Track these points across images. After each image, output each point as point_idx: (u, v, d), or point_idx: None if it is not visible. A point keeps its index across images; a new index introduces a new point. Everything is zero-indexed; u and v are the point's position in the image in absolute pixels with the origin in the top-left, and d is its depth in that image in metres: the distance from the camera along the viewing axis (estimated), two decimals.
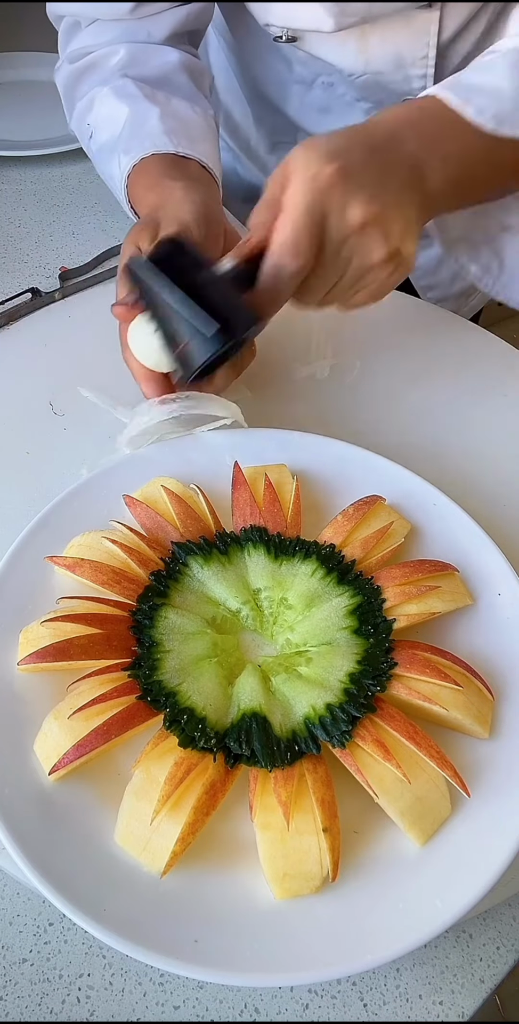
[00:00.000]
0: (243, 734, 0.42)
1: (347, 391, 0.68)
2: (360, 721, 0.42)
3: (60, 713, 0.42)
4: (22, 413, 0.65)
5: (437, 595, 0.48)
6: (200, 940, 0.37)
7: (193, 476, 0.56)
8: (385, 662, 0.45)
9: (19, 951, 0.42)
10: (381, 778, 0.40)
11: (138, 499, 0.53)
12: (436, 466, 0.60)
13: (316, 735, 0.42)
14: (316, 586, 0.50)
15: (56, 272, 0.79)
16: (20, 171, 0.95)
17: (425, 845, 0.40)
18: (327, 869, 0.38)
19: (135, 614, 0.47)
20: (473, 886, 0.39)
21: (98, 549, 0.50)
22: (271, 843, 0.39)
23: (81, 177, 0.94)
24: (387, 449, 0.59)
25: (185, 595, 0.49)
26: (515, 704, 0.45)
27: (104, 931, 0.36)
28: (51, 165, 0.96)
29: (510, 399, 0.70)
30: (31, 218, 0.87)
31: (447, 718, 0.43)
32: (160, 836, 0.39)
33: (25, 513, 0.52)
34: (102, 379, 0.67)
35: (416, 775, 0.41)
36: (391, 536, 0.52)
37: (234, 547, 0.52)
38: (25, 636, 0.45)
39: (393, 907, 0.38)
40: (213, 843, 0.40)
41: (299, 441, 0.59)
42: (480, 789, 0.42)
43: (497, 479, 0.62)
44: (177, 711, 0.42)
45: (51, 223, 0.87)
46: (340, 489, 0.56)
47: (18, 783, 0.41)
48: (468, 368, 0.72)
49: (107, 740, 0.41)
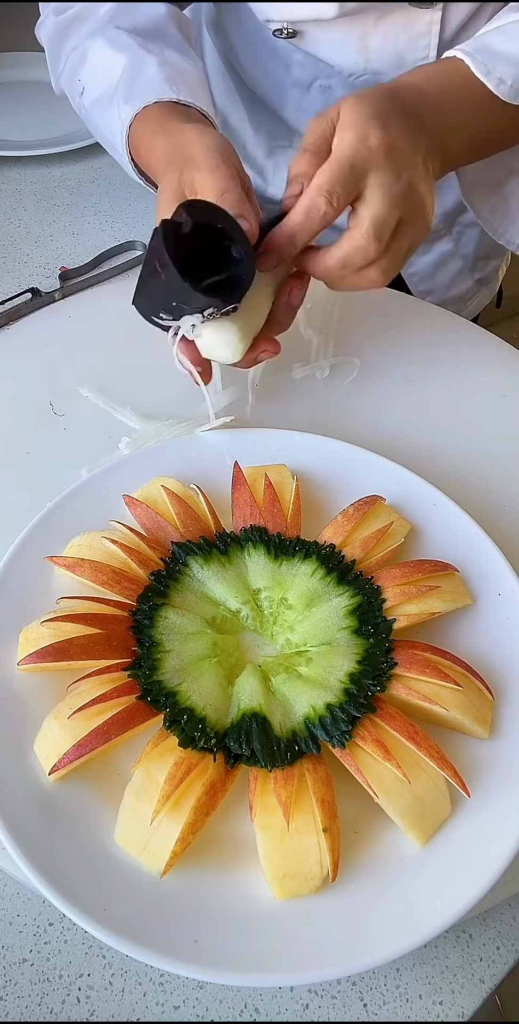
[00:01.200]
0: (243, 734, 0.42)
1: (347, 391, 0.68)
2: (360, 721, 0.42)
3: (60, 713, 0.42)
4: (22, 413, 0.65)
5: (437, 595, 0.49)
6: (200, 940, 0.37)
7: (193, 476, 0.56)
8: (385, 662, 0.45)
9: (19, 951, 0.42)
10: (381, 778, 0.40)
11: (138, 499, 0.53)
12: (436, 466, 0.60)
13: (316, 735, 0.42)
14: (316, 586, 0.50)
15: (56, 272, 0.79)
16: (20, 171, 0.95)
17: (425, 845, 0.40)
18: (327, 869, 0.38)
19: (135, 614, 0.47)
20: (473, 886, 0.39)
21: (98, 549, 0.50)
22: (271, 843, 0.39)
23: (81, 177, 0.94)
24: (387, 449, 0.59)
25: (185, 595, 0.49)
26: (515, 704, 0.45)
27: (104, 931, 0.36)
28: (51, 165, 0.96)
29: (510, 399, 0.70)
30: (31, 218, 0.87)
31: (447, 718, 0.43)
32: (160, 836, 0.39)
33: (25, 513, 0.52)
34: (102, 379, 0.67)
35: (416, 775, 0.41)
36: (391, 536, 0.52)
37: (234, 547, 0.52)
38: (25, 636, 0.45)
39: (393, 907, 0.38)
40: (213, 843, 0.40)
41: (299, 441, 0.59)
42: (480, 789, 0.42)
43: (498, 479, 0.62)
44: (177, 711, 0.42)
45: (51, 223, 0.87)
46: (340, 489, 0.56)
47: (18, 783, 0.41)
48: (468, 368, 0.72)
49: (107, 740, 0.41)
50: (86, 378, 0.67)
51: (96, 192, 0.92)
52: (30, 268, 0.80)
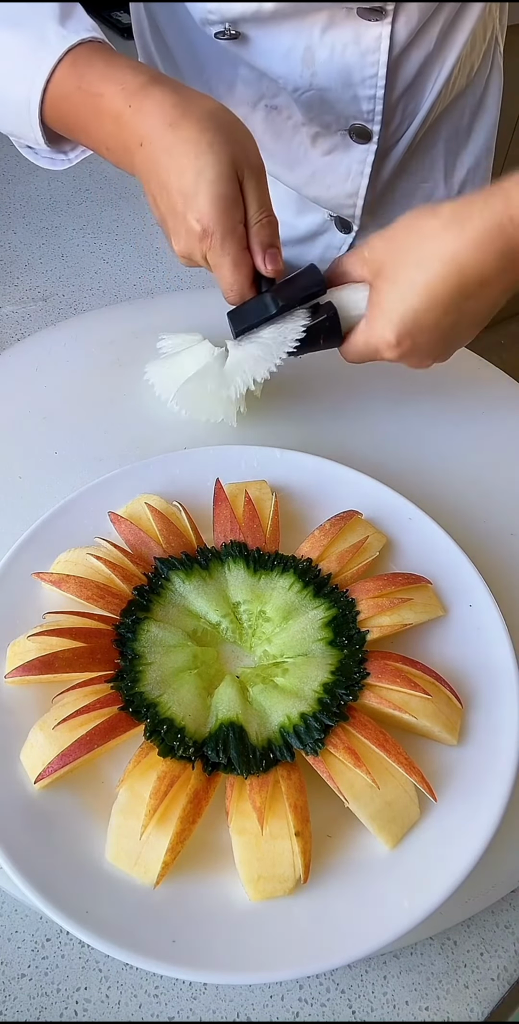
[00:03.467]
0: (220, 743, 0.43)
1: (327, 408, 0.69)
2: (333, 729, 0.44)
3: (45, 724, 0.44)
4: (13, 438, 0.66)
5: (409, 607, 0.50)
6: (178, 940, 0.38)
7: (176, 493, 0.57)
8: (358, 672, 0.47)
9: (17, 966, 0.43)
10: (352, 784, 0.42)
11: (122, 516, 0.55)
12: (414, 482, 0.62)
13: (290, 743, 0.44)
14: (293, 599, 0.52)
15: (46, 295, 0.81)
16: (8, 193, 0.96)
17: (395, 848, 0.42)
18: (299, 871, 0.40)
19: (118, 628, 0.49)
20: (440, 887, 0.40)
21: (83, 565, 0.51)
22: (246, 847, 0.40)
23: (70, 199, 0.96)
24: (366, 465, 0.61)
25: (167, 609, 0.51)
26: (483, 711, 0.47)
27: (86, 932, 0.38)
28: (40, 187, 0.97)
29: (488, 416, 0.72)
30: (20, 241, 0.89)
31: (417, 725, 0.45)
32: (150, 849, 0.40)
33: (17, 536, 0.54)
34: (93, 401, 0.68)
35: (386, 781, 0.42)
36: (366, 550, 0.54)
37: (215, 562, 0.54)
38: (12, 650, 0.47)
39: (364, 907, 0.40)
40: (191, 848, 0.42)
41: (279, 458, 0.61)
42: (448, 794, 0.44)
43: (476, 495, 0.64)
44: (158, 721, 0.44)
45: (40, 246, 0.88)
46: (318, 504, 0.58)
47: (5, 792, 0.42)
48: (447, 385, 0.74)
49: (90, 750, 0.42)
50: (78, 401, 0.68)
51: (85, 214, 0.93)
52: (20, 291, 0.82)
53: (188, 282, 0.85)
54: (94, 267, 0.86)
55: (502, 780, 0.44)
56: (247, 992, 0.42)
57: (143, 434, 0.66)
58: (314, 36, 0.72)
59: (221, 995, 0.42)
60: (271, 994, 0.42)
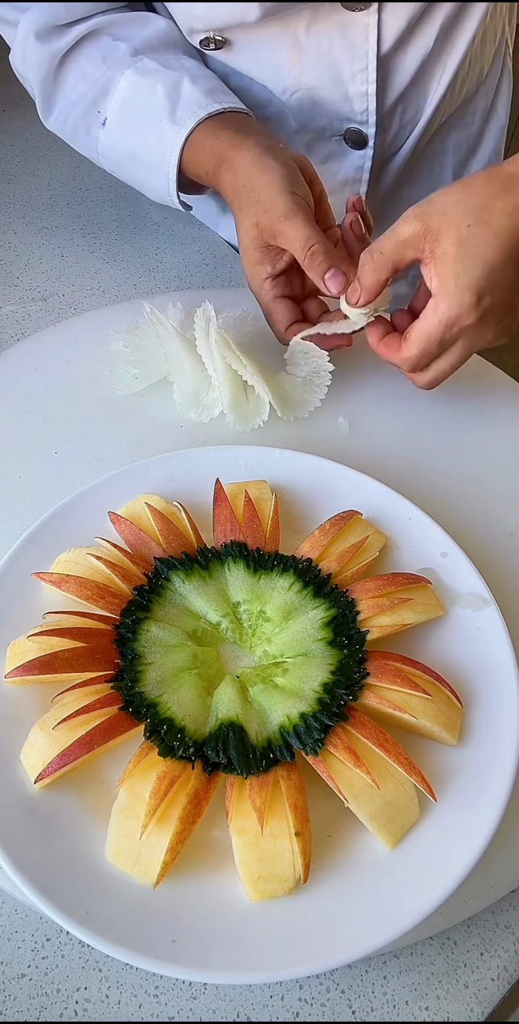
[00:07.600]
0: (220, 743, 0.43)
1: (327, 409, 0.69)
2: (332, 729, 0.44)
3: (45, 724, 0.44)
4: (13, 438, 0.66)
5: (409, 607, 0.50)
6: (177, 940, 0.38)
7: (176, 493, 0.57)
8: (358, 672, 0.47)
9: (17, 966, 0.43)
10: (351, 784, 0.42)
11: (123, 516, 0.55)
12: (414, 481, 0.62)
13: (290, 743, 0.44)
14: (293, 599, 0.52)
15: (46, 295, 0.81)
16: (8, 193, 0.96)
17: (394, 848, 0.42)
18: (299, 871, 0.40)
19: (118, 628, 0.49)
20: (440, 887, 0.40)
21: (83, 565, 0.51)
22: (246, 847, 0.40)
23: (69, 199, 0.96)
24: (366, 465, 0.61)
25: (167, 609, 0.51)
26: (483, 711, 0.47)
27: (85, 932, 0.38)
28: (40, 187, 0.97)
29: (488, 416, 0.72)
30: (20, 241, 0.89)
31: (417, 725, 0.45)
32: (150, 849, 0.40)
33: (17, 536, 0.54)
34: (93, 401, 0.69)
35: (385, 781, 0.42)
36: (366, 550, 0.54)
37: (215, 562, 0.54)
38: (12, 650, 0.47)
39: (363, 907, 0.40)
40: (191, 848, 0.42)
41: (280, 457, 0.61)
42: (448, 794, 0.44)
43: (475, 494, 0.64)
44: (157, 721, 0.44)
45: (40, 246, 0.89)
46: (318, 504, 0.58)
47: (5, 792, 0.42)
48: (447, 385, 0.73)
49: (90, 750, 0.42)
50: (78, 401, 0.68)
51: (85, 214, 0.93)
52: (20, 291, 0.82)
53: (188, 282, 0.85)
54: (94, 267, 0.86)
55: (502, 780, 0.44)
56: (247, 992, 0.42)
57: (143, 434, 0.66)
58: (299, 31, 0.71)
59: (221, 995, 0.42)
60: (271, 994, 0.43)
